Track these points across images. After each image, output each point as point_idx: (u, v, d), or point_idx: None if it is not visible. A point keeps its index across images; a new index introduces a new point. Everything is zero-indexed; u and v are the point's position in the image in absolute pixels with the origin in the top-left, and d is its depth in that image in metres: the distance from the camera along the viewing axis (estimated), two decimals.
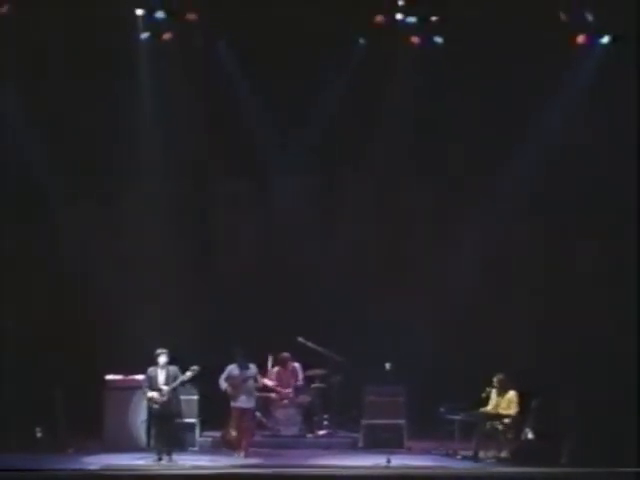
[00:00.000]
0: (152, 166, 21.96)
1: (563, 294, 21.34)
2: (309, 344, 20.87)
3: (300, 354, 20.89)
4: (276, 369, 20.69)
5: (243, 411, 19.56)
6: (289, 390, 20.71)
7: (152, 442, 19.16)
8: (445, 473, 18.17)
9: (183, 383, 19.22)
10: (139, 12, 20.88)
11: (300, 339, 20.79)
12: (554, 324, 21.05)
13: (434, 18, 21.12)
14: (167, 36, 21.17)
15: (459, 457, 19.17)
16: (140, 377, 19.34)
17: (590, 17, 20.70)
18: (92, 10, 20.34)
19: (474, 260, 21.90)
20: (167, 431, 19.08)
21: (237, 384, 19.54)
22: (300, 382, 20.89)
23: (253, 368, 19.67)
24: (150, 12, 20.98)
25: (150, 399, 18.97)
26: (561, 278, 21.55)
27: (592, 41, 21.05)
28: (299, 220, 22.24)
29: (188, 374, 18.98)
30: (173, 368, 19.12)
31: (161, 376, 19.00)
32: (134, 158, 21.81)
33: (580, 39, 20.96)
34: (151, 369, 18.94)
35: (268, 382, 20.53)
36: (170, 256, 21.89)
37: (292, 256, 22.22)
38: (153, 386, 18.94)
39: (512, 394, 19.33)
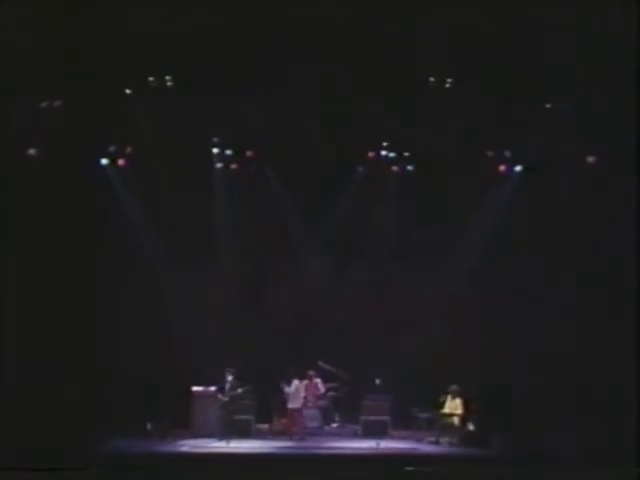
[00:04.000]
0: (225, 247, 22.42)
1: (496, 334, 21.41)
2: (326, 366, 21.51)
3: (320, 372, 21.48)
4: (305, 382, 20.95)
5: (296, 410, 20.47)
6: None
7: (222, 431, 19.89)
8: (416, 453, 19.12)
9: (237, 395, 20.11)
10: (215, 150, 21.65)
11: (320, 363, 21.46)
12: (492, 355, 21.18)
13: (406, 154, 21.72)
14: (233, 166, 21.91)
15: (425, 442, 20.10)
16: (214, 388, 20.34)
17: (508, 153, 21.29)
18: (191, 156, 21.09)
19: (435, 312, 22.01)
20: (230, 423, 20.01)
21: (295, 392, 20.48)
22: (320, 392, 21.43)
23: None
24: (222, 150, 21.66)
25: (217, 400, 20.13)
26: (493, 325, 21.63)
27: (510, 169, 21.57)
28: (319, 284, 22.77)
29: (241, 389, 20.14)
30: (236, 381, 20.16)
31: (227, 386, 20.19)
32: (213, 241, 22.32)
33: (501, 168, 21.55)
34: (219, 379, 20.22)
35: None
36: (236, 308, 22.20)
37: (314, 308, 22.42)
38: (221, 392, 20.19)
39: (459, 400, 20.18)
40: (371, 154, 21.73)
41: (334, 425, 21.76)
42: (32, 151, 19.68)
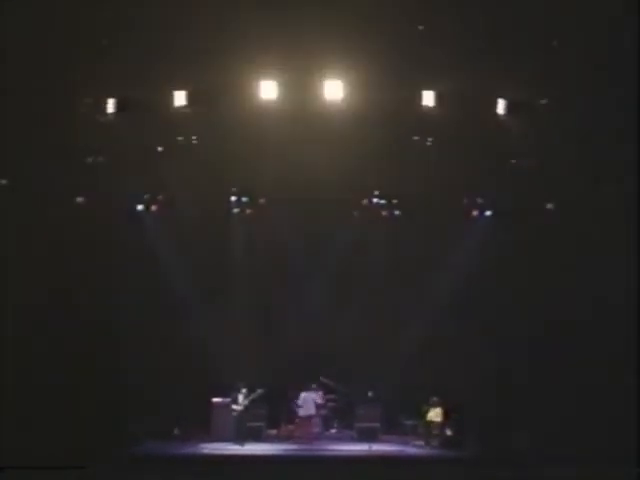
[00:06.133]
0: (240, 279, 22.49)
1: (471, 355, 21.21)
2: (327, 381, 21.65)
3: (321, 386, 21.41)
4: (313, 394, 21.11)
5: (307, 417, 20.82)
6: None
7: (236, 435, 20.19)
8: (403, 454, 19.42)
9: (253, 400, 20.30)
10: (233, 198, 22.11)
11: (322, 378, 21.60)
12: (468, 371, 21.01)
13: (395, 201, 22.21)
14: (248, 211, 22.27)
15: (411, 445, 20.48)
16: (231, 399, 20.54)
17: (479, 200, 21.90)
18: (213, 203, 21.70)
19: (419, 335, 21.92)
20: (243, 428, 20.34)
21: (305, 402, 20.82)
22: (321, 402, 21.30)
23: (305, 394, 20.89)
24: (239, 198, 22.07)
25: (233, 410, 20.48)
26: (469, 345, 21.39)
27: (481, 214, 22.02)
28: (320, 310, 22.49)
29: (255, 394, 20.35)
30: (247, 392, 20.41)
31: (240, 396, 20.50)
32: (230, 274, 22.43)
33: (474, 212, 21.98)
34: (234, 392, 20.56)
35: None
36: (249, 332, 22.25)
37: (316, 331, 22.33)
38: (235, 402, 20.46)
39: (439, 409, 20.59)
40: (364, 201, 22.29)
41: (333, 431, 22.04)
42: (80, 199, 20.30)
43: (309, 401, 20.91)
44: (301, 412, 20.88)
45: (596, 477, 15.30)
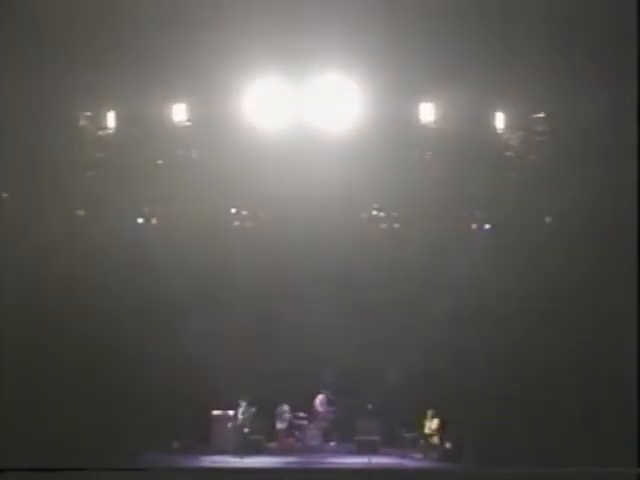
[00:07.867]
0: (240, 292, 22.08)
1: (468, 367, 20.97)
2: (326, 393, 21.42)
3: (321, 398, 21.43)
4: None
5: (281, 430, 20.79)
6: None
7: (236, 448, 20.14)
8: (402, 467, 19.49)
9: (249, 416, 20.34)
10: (233, 211, 21.78)
11: (321, 391, 21.47)
12: (465, 384, 20.76)
13: (394, 214, 21.83)
14: (248, 224, 21.98)
15: (410, 458, 20.29)
16: (231, 412, 20.58)
17: (478, 213, 21.55)
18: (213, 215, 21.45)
19: (417, 348, 21.63)
20: (243, 441, 20.29)
21: (281, 415, 20.86)
22: (321, 415, 21.34)
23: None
24: (238, 211, 21.72)
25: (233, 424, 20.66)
26: (466, 357, 21.22)
27: (480, 227, 21.72)
28: (320, 323, 22.24)
29: (251, 410, 20.40)
30: (247, 406, 20.45)
31: (240, 411, 20.54)
32: (230, 286, 22.12)
33: (474, 226, 21.68)
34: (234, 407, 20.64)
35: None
36: (249, 345, 21.93)
37: (316, 344, 22.00)
38: (236, 416, 20.49)
39: (437, 421, 20.37)
40: (364, 214, 22.10)
41: (332, 444, 21.85)
42: (80, 212, 20.27)
43: (283, 414, 21.03)
44: (277, 424, 21.01)
45: (596, 477, 15.20)
